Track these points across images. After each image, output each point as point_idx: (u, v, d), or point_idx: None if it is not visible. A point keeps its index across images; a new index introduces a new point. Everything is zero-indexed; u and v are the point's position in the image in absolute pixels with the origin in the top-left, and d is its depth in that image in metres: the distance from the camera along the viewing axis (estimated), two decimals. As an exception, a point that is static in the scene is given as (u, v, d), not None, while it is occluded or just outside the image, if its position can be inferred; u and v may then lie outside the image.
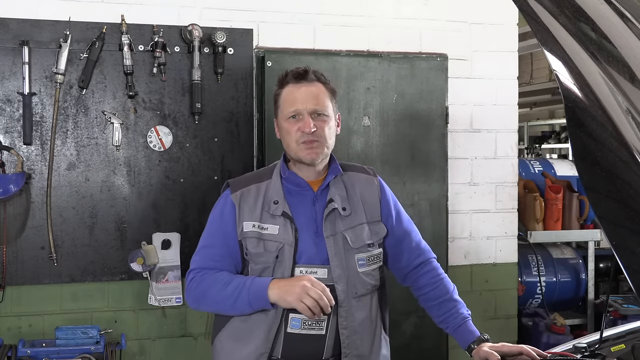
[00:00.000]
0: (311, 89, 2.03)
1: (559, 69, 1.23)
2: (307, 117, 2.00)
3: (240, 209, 2.04)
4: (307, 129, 1.98)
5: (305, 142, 2.00)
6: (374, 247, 2.09)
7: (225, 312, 2.05)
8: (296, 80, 2.04)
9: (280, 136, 2.10)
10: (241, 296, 1.96)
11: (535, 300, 4.53)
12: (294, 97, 2.02)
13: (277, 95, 2.09)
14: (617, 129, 1.18)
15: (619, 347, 1.96)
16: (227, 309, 2.02)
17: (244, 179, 2.14)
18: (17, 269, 3.28)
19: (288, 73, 2.07)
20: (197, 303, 2.08)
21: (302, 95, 2.02)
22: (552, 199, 4.44)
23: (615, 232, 1.24)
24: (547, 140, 11.55)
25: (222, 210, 2.09)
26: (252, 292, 1.95)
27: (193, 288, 2.06)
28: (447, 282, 2.16)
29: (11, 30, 3.24)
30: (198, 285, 2.04)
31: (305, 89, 2.03)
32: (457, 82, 3.84)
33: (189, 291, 2.08)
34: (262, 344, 1.99)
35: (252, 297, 1.95)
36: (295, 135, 2.00)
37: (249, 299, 1.95)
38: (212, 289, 2.01)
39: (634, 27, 1.28)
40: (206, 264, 2.06)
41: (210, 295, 2.02)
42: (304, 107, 2.01)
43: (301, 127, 1.99)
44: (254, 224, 2.02)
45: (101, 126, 3.37)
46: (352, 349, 2.03)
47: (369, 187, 2.16)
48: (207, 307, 2.11)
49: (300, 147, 2.01)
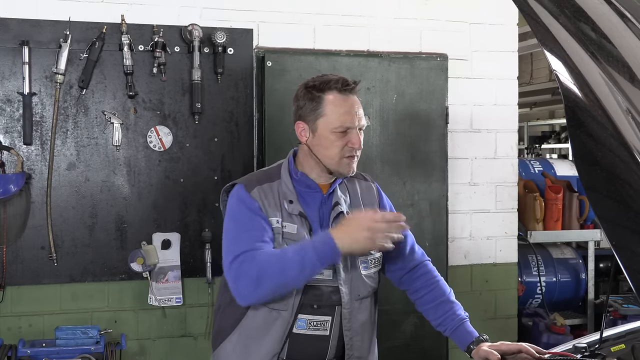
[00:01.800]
0: (357, 102, 2.03)
1: (559, 69, 1.23)
2: (357, 133, 2.00)
3: (263, 205, 2.00)
4: (358, 145, 2.00)
5: (348, 157, 2.01)
6: (375, 251, 2.10)
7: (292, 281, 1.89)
8: (345, 91, 2.01)
9: (313, 143, 2.03)
10: (307, 255, 1.84)
11: (535, 300, 4.53)
12: (346, 111, 1.99)
13: (317, 98, 2.01)
14: (617, 129, 1.18)
15: (619, 347, 1.96)
16: (294, 275, 1.87)
17: (254, 178, 2.09)
18: (17, 269, 3.28)
19: (333, 79, 2.01)
20: (255, 285, 1.88)
21: (353, 109, 2.00)
22: (552, 199, 4.44)
23: (615, 232, 1.24)
24: (547, 140, 11.55)
25: (246, 202, 1.99)
26: (317, 247, 1.85)
27: (245, 271, 1.88)
28: (442, 285, 2.17)
29: (11, 30, 3.24)
30: (251, 266, 1.88)
31: (352, 101, 2.01)
32: (457, 82, 3.84)
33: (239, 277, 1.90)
34: (276, 344, 1.99)
35: (319, 251, 1.84)
36: (342, 149, 2.00)
37: (317, 254, 1.84)
38: (271, 262, 1.88)
39: (634, 27, 1.28)
40: (251, 246, 1.92)
41: (271, 270, 1.87)
42: (356, 123, 2.00)
43: (351, 143, 1.99)
44: (277, 220, 2.00)
45: (101, 126, 3.37)
46: (355, 350, 2.04)
47: (369, 192, 2.19)
48: (269, 284, 1.88)
49: (344, 160, 2.01)
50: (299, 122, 2.05)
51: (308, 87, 2.04)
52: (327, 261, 1.88)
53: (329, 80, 2.01)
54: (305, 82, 2.08)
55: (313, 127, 2.02)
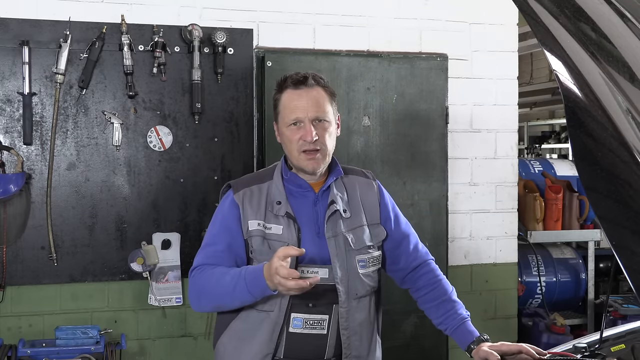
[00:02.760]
0: (311, 94, 2.01)
1: (559, 69, 1.23)
2: (309, 124, 1.98)
3: (244, 209, 2.03)
4: (309, 138, 1.97)
5: (306, 152, 1.99)
6: (373, 249, 2.10)
7: (226, 305, 2.00)
8: (296, 86, 2.01)
9: (281, 142, 2.08)
10: (238, 286, 1.91)
11: (535, 300, 4.53)
12: (295, 105, 2.00)
13: (276, 100, 2.07)
14: (617, 129, 1.18)
15: (619, 347, 1.96)
16: (227, 302, 1.98)
17: (245, 180, 2.13)
18: (17, 269, 3.28)
19: (287, 78, 2.04)
20: (197, 301, 2.03)
21: (302, 102, 1.99)
22: (552, 199, 4.44)
23: (615, 232, 1.24)
24: (547, 140, 11.55)
25: (225, 210, 2.07)
26: (248, 278, 1.90)
27: (192, 285, 2.03)
28: (445, 283, 2.16)
29: (11, 30, 3.24)
30: (198, 280, 2.01)
31: (305, 95, 2.00)
32: (457, 82, 3.84)
33: (189, 290, 2.05)
34: (266, 345, 1.99)
35: (249, 283, 1.89)
36: (297, 144, 1.99)
37: (247, 285, 1.90)
38: (208, 284, 1.98)
39: (634, 27, 1.28)
40: (206, 261, 2.04)
41: (207, 291, 1.99)
42: (305, 115, 1.99)
43: (303, 136, 1.98)
44: (259, 223, 2.02)
45: (101, 126, 3.37)
46: (352, 349, 2.04)
47: (369, 190, 2.17)
48: (207, 303, 2.03)
49: (302, 156, 2.00)
50: (274, 124, 2.11)
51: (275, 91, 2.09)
52: (256, 296, 1.91)
53: (283, 79, 2.05)
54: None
55: (279, 128, 2.07)
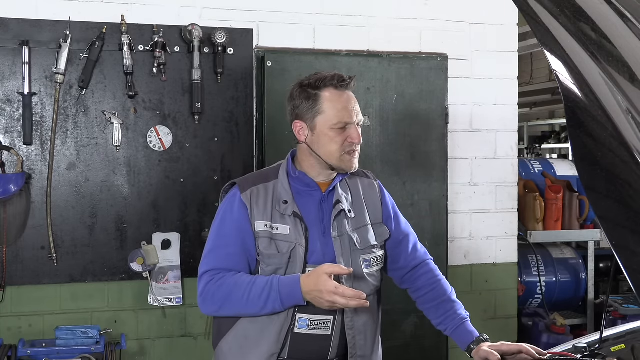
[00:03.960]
0: (353, 97, 2.04)
1: (559, 69, 1.23)
2: (356, 128, 2.02)
3: (252, 208, 2.02)
4: (357, 141, 2.01)
5: (349, 152, 2.02)
6: (377, 249, 2.11)
7: (252, 314, 1.99)
8: (341, 87, 2.01)
9: (312, 141, 2.03)
10: (271, 297, 1.92)
11: (535, 300, 4.53)
12: (344, 107, 2.00)
13: (313, 96, 2.01)
14: (617, 129, 1.18)
15: (619, 347, 1.96)
16: (255, 311, 1.96)
17: (250, 179, 2.11)
18: (17, 269, 3.28)
19: (328, 76, 2.01)
20: (218, 307, 2.00)
21: (350, 104, 2.01)
22: (552, 199, 4.44)
23: (615, 232, 1.24)
24: (547, 140, 11.55)
25: (233, 209, 2.04)
26: (283, 292, 1.92)
27: (212, 292, 1.98)
28: (444, 284, 2.17)
29: (11, 30, 3.24)
30: (219, 288, 1.97)
31: (348, 97, 2.02)
32: (457, 82, 3.84)
33: (206, 296, 1.99)
34: (273, 345, 1.99)
35: (284, 297, 1.92)
36: (343, 145, 2.01)
37: (282, 299, 1.92)
38: (235, 292, 1.95)
39: (634, 27, 1.28)
40: (221, 264, 2.00)
41: (234, 299, 1.96)
42: (354, 119, 2.01)
43: (350, 138, 2.00)
44: (265, 224, 2.01)
45: (101, 126, 3.37)
46: (357, 349, 2.04)
47: (371, 190, 2.18)
48: (230, 311, 2.01)
49: (345, 156, 2.02)
50: (297, 121, 2.05)
51: (303, 86, 2.04)
52: (289, 307, 1.95)
53: (324, 77, 2.02)
54: (299, 81, 2.07)
55: (311, 125, 2.02)
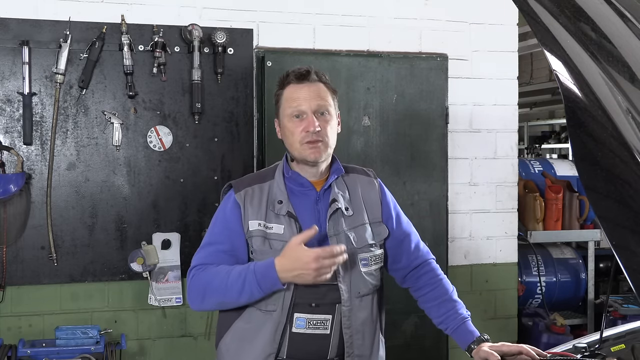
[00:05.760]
0: (313, 88, 2.03)
1: (559, 69, 1.23)
2: (311, 116, 2.00)
3: (245, 208, 2.04)
4: (312, 128, 1.98)
5: (309, 142, 2.00)
6: (375, 248, 2.10)
7: (232, 302, 1.99)
8: (298, 80, 2.04)
9: (282, 136, 2.09)
10: (248, 279, 1.92)
11: (535, 300, 4.53)
12: (297, 97, 2.02)
13: (278, 96, 2.09)
14: (617, 129, 1.18)
15: (619, 347, 1.96)
16: (234, 297, 1.96)
17: (246, 180, 2.13)
18: (17, 269, 3.28)
19: (289, 73, 2.06)
20: (201, 299, 2.01)
21: (305, 94, 2.02)
22: (552, 199, 4.44)
23: (615, 232, 1.24)
24: (547, 140, 11.56)
25: (227, 210, 2.07)
26: (258, 272, 1.91)
27: (195, 284, 2.01)
28: (446, 283, 2.16)
29: (11, 30, 3.24)
30: (200, 279, 2.00)
31: (307, 89, 2.03)
32: (457, 82, 3.84)
33: (190, 288, 2.03)
34: (269, 345, 1.98)
35: (260, 277, 1.91)
36: (300, 135, 2.00)
37: (257, 280, 1.91)
38: (215, 280, 1.97)
39: (634, 27, 1.28)
40: (207, 260, 2.03)
41: (213, 287, 1.98)
42: (307, 106, 2.01)
43: (305, 127, 1.99)
44: (259, 223, 2.02)
45: (101, 126, 3.37)
46: (355, 348, 2.03)
47: (370, 188, 2.17)
48: (212, 300, 2.01)
49: (304, 146, 2.01)
50: (275, 120, 2.13)
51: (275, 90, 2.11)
52: (267, 290, 1.93)
53: (287, 75, 2.07)
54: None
55: (280, 122, 2.09)
